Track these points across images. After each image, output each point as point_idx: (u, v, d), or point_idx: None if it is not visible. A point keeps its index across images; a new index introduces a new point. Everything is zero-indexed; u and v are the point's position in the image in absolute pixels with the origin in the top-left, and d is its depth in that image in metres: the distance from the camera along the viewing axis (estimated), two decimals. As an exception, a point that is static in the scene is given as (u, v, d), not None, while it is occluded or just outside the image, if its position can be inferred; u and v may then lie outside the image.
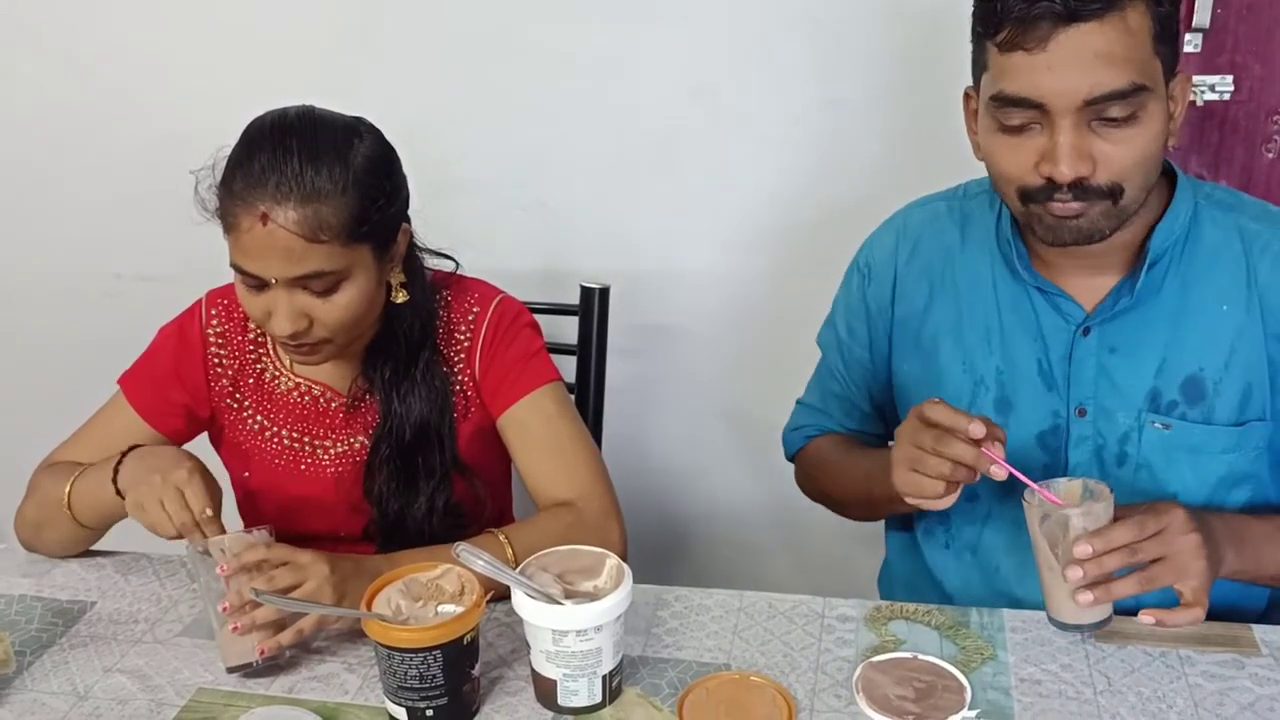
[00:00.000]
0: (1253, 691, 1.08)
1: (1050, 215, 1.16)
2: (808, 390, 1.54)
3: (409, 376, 1.33)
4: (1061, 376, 1.27)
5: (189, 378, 1.37)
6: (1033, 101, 1.11)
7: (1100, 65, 1.08)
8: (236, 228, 1.19)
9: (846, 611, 1.23)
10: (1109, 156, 1.12)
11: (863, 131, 1.85)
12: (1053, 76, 1.09)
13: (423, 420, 1.34)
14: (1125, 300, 1.23)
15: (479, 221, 1.96)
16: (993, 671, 1.12)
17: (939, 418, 1.12)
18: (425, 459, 1.34)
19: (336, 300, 1.22)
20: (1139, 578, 1.09)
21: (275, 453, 1.38)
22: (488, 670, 1.15)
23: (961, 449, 1.11)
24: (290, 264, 1.18)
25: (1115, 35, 1.08)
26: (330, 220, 1.18)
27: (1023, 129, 1.14)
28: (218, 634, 1.16)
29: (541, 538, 1.19)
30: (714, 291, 1.99)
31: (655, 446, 2.09)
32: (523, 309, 1.41)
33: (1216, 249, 1.24)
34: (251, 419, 1.38)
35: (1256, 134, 1.79)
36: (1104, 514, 1.10)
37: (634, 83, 1.89)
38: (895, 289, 1.38)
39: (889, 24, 1.79)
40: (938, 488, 1.14)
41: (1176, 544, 1.09)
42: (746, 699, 1.09)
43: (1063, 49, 1.08)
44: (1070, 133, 1.10)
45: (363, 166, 1.22)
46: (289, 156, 1.18)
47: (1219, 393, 1.23)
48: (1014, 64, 1.11)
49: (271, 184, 1.17)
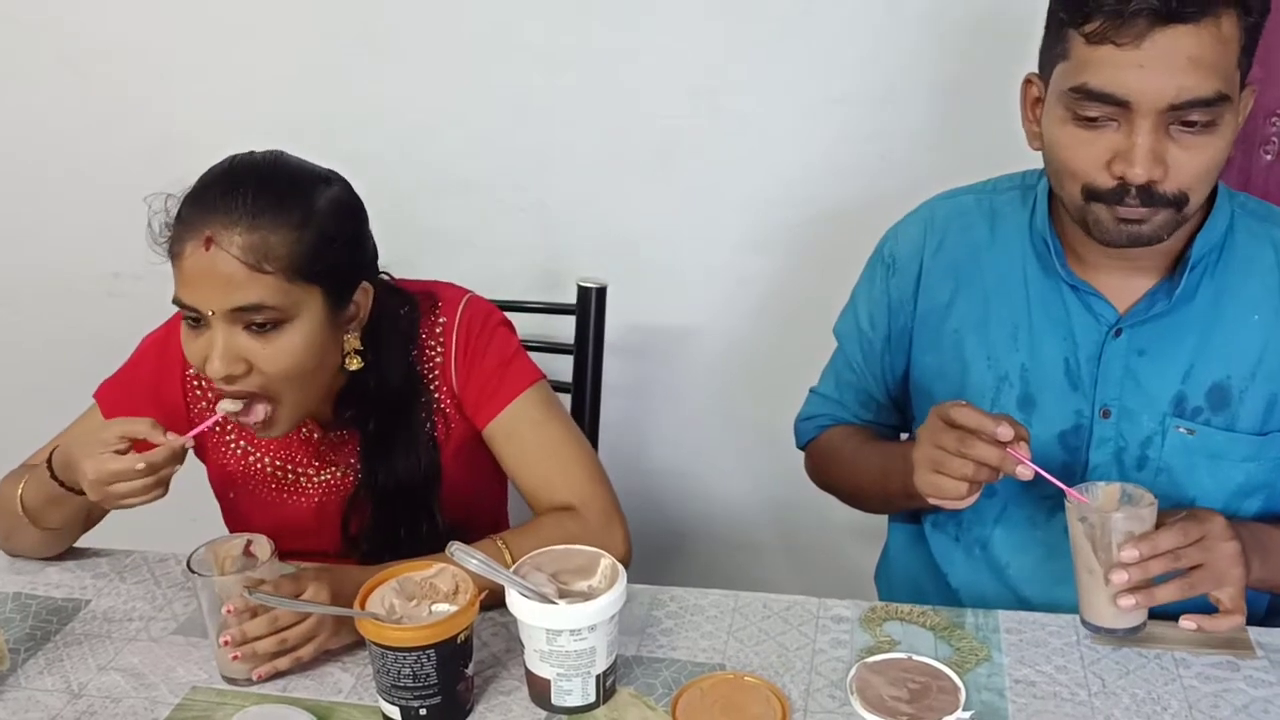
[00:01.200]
0: (1247, 694, 1.08)
1: (1112, 217, 1.15)
2: (822, 379, 1.53)
3: (393, 437, 1.29)
4: (1089, 376, 1.27)
5: (167, 399, 1.33)
6: (1118, 98, 1.09)
7: (1190, 69, 1.07)
8: (180, 255, 1.14)
9: (841, 612, 1.22)
10: (1180, 163, 1.11)
11: (864, 131, 1.85)
12: (1142, 75, 1.08)
13: (406, 486, 1.30)
14: (1162, 304, 1.23)
15: (477, 221, 1.96)
16: (987, 672, 1.12)
17: (965, 420, 1.11)
18: (411, 527, 1.31)
19: (278, 344, 1.16)
20: (1180, 584, 1.09)
21: (259, 478, 1.36)
22: (482, 669, 1.15)
23: (985, 450, 1.10)
24: (229, 293, 1.13)
25: (1209, 41, 1.07)
26: (278, 250, 1.14)
27: (1098, 123, 1.12)
28: (216, 652, 1.15)
29: (543, 545, 1.16)
30: (713, 291, 1.99)
31: (652, 446, 2.09)
32: (491, 308, 1.37)
33: (1250, 259, 1.24)
34: (235, 444, 1.36)
35: (1255, 135, 1.78)
36: (1148, 519, 1.10)
37: (633, 82, 1.88)
38: (920, 282, 1.37)
39: (890, 21, 1.78)
40: (960, 489, 1.13)
41: (1217, 551, 1.09)
42: (741, 699, 1.08)
43: (1156, 48, 1.07)
44: (1150, 135, 1.09)
45: (325, 208, 1.18)
46: (244, 188, 1.15)
47: (1244, 401, 1.23)
48: (1102, 57, 1.09)
49: (221, 210, 1.13)
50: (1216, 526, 1.10)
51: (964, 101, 1.57)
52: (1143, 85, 1.08)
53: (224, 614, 1.11)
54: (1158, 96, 1.08)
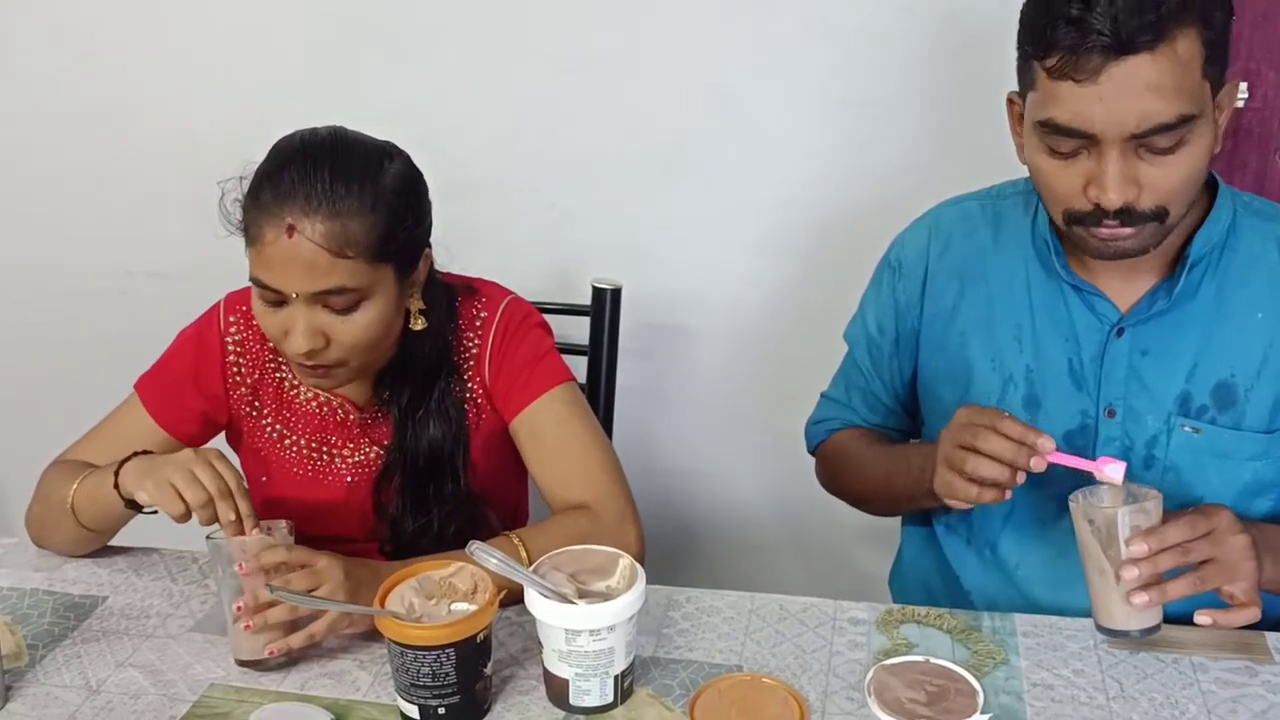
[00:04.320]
0: (1265, 699, 1.08)
1: (1096, 238, 1.16)
2: (833, 384, 1.54)
3: (424, 405, 1.32)
4: (1092, 376, 1.27)
5: (207, 384, 1.37)
6: (1083, 132, 1.11)
7: (1150, 97, 1.08)
8: (260, 240, 1.18)
9: (858, 614, 1.23)
10: (1155, 181, 1.12)
11: (881, 134, 1.85)
12: (1103, 108, 1.09)
13: (436, 449, 1.33)
14: (1162, 303, 1.23)
15: (493, 222, 1.96)
16: (1005, 676, 1.12)
17: (1009, 431, 1.11)
18: (437, 487, 1.34)
19: (355, 320, 1.21)
20: (1191, 579, 1.09)
21: (293, 460, 1.38)
22: (500, 669, 1.15)
23: (999, 445, 1.11)
24: (314, 278, 1.17)
25: (1166, 66, 1.07)
26: (358, 236, 1.18)
27: (1070, 155, 1.14)
28: (230, 628, 1.16)
29: (557, 541, 1.18)
30: (727, 293, 1.99)
31: (666, 447, 2.09)
32: (531, 309, 1.40)
33: (1254, 257, 1.24)
34: (270, 427, 1.38)
35: (1269, 140, 1.78)
36: (1155, 513, 1.10)
37: (650, 84, 1.89)
38: (926, 286, 1.38)
39: (908, 25, 1.78)
40: (970, 491, 1.14)
41: (1227, 544, 1.09)
42: (758, 700, 1.09)
43: (1113, 81, 1.08)
44: (1118, 161, 1.10)
45: (392, 187, 1.22)
46: (319, 171, 1.18)
47: (1249, 399, 1.23)
48: (1063, 93, 1.11)
49: (300, 196, 1.17)
50: (1224, 520, 1.10)
51: (974, 106, 1.57)
52: (1105, 118, 1.09)
53: (234, 569, 1.13)
54: (1119, 127, 1.09)
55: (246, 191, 1.21)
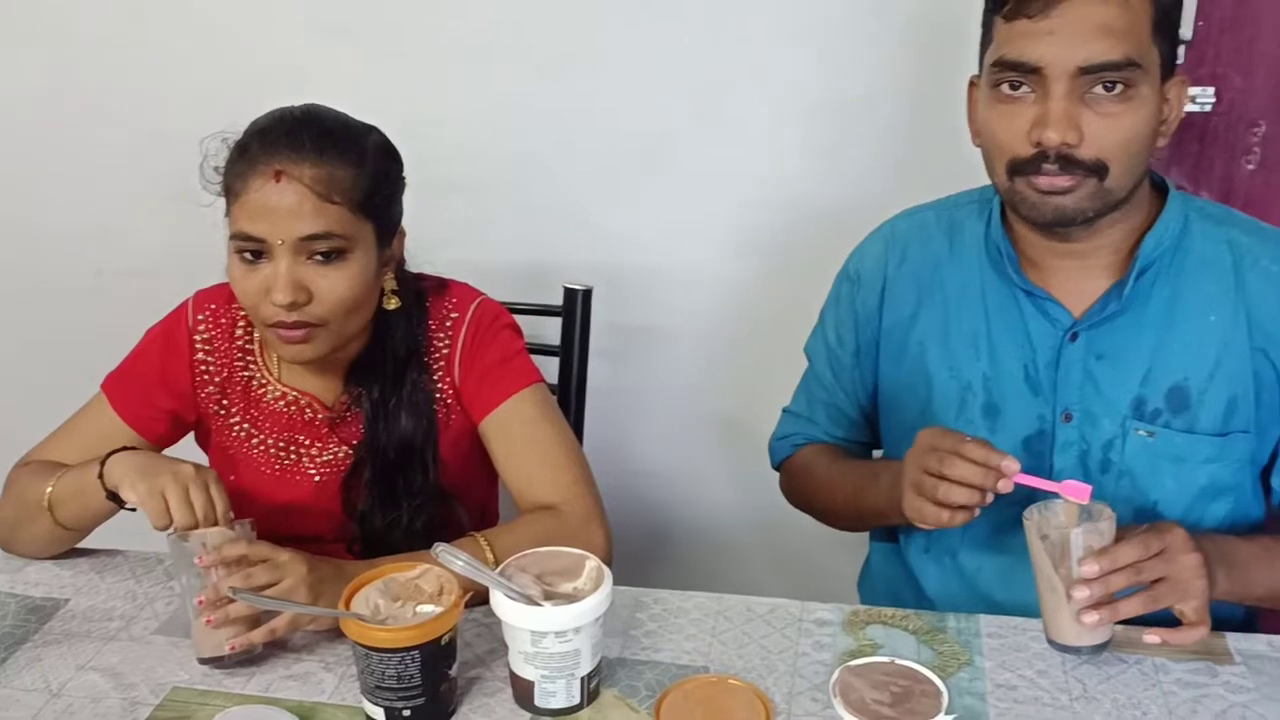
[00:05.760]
0: (1226, 699, 1.09)
1: (1035, 191, 1.18)
2: (795, 399, 1.55)
3: (395, 396, 1.33)
4: (1048, 382, 1.28)
5: (175, 383, 1.36)
6: (1031, 65, 1.14)
7: (1098, 35, 1.12)
8: (245, 190, 1.20)
9: (824, 615, 1.23)
10: (1096, 130, 1.14)
11: (853, 136, 1.86)
12: (1052, 41, 1.13)
13: (406, 442, 1.33)
14: (1114, 306, 1.24)
15: (466, 221, 1.96)
16: (969, 677, 1.13)
17: (973, 454, 1.12)
18: (407, 480, 1.34)
19: (338, 273, 1.22)
20: (1143, 598, 1.10)
21: (260, 460, 1.37)
22: (465, 671, 1.14)
23: (966, 469, 1.12)
24: (300, 222, 1.19)
25: (1116, 10, 1.13)
26: (345, 184, 1.21)
27: (1019, 98, 1.17)
28: (192, 625, 1.15)
29: (523, 542, 1.18)
30: (701, 294, 1.99)
31: (637, 448, 2.09)
32: (502, 310, 1.40)
33: (1206, 260, 1.25)
34: (238, 426, 1.38)
35: (1236, 145, 1.80)
36: (1108, 533, 1.10)
37: (623, 86, 1.89)
38: (884, 296, 1.39)
39: (879, 27, 1.79)
40: (940, 516, 1.15)
41: (1178, 563, 1.10)
42: (724, 702, 1.09)
43: (1064, 16, 1.13)
44: (1063, 100, 1.14)
45: (375, 150, 1.27)
46: (306, 127, 1.22)
47: (1203, 403, 1.24)
48: (1017, 30, 1.16)
49: (288, 147, 1.20)
50: (1177, 539, 1.11)
51: (946, 108, 1.58)
52: (1054, 51, 1.13)
53: (195, 563, 1.12)
54: (1067, 61, 1.13)
55: (232, 149, 1.23)
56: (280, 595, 1.12)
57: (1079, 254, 1.25)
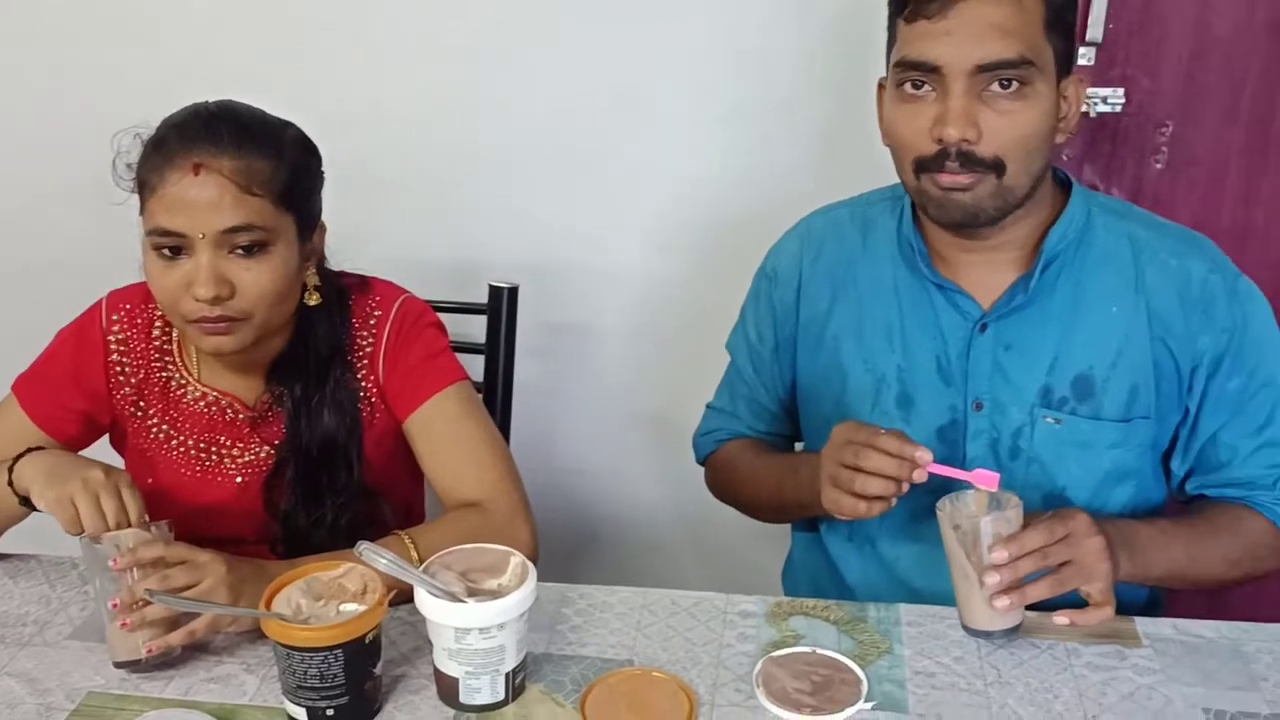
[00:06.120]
0: (1133, 681, 1.12)
1: (939, 188, 1.21)
2: (717, 394, 1.56)
3: (318, 393, 1.32)
4: (959, 372, 1.31)
5: (88, 383, 1.34)
6: (930, 64, 1.18)
7: (993, 35, 1.16)
8: (162, 184, 1.18)
9: (748, 608, 1.24)
10: (994, 128, 1.18)
11: (778, 135, 1.88)
12: (949, 41, 1.17)
13: (329, 440, 1.32)
14: (1020, 298, 1.28)
15: (391, 219, 1.95)
16: (888, 664, 1.15)
17: (887, 446, 1.15)
18: (331, 478, 1.33)
19: (261, 266, 1.21)
20: (1050, 581, 1.13)
21: (180, 461, 1.35)
22: (390, 669, 1.14)
23: (881, 461, 1.15)
24: (220, 214, 1.18)
25: (1009, 11, 1.17)
26: (265, 176, 1.20)
27: (921, 97, 1.20)
28: (107, 628, 1.13)
29: (448, 539, 1.18)
30: (627, 292, 2.00)
31: (565, 446, 2.09)
32: (426, 308, 1.40)
33: (1108, 253, 1.29)
34: (156, 428, 1.35)
35: (1146, 145, 1.85)
36: (1015, 520, 1.13)
37: (549, 84, 1.89)
38: (800, 292, 1.42)
39: (806, 30, 1.81)
40: (858, 507, 1.18)
41: (1083, 546, 1.14)
42: (648, 694, 1.10)
43: (960, 17, 1.17)
44: (961, 98, 1.18)
45: (293, 143, 1.26)
46: (224, 120, 1.21)
47: (1106, 390, 1.28)
48: (917, 31, 1.19)
49: (207, 140, 1.19)
50: (1081, 524, 1.15)
51: (867, 110, 1.61)
52: (951, 50, 1.17)
53: (109, 565, 1.10)
54: (964, 60, 1.17)
55: (146, 143, 1.21)
56: (199, 596, 1.11)
57: (987, 249, 1.28)
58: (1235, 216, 1.86)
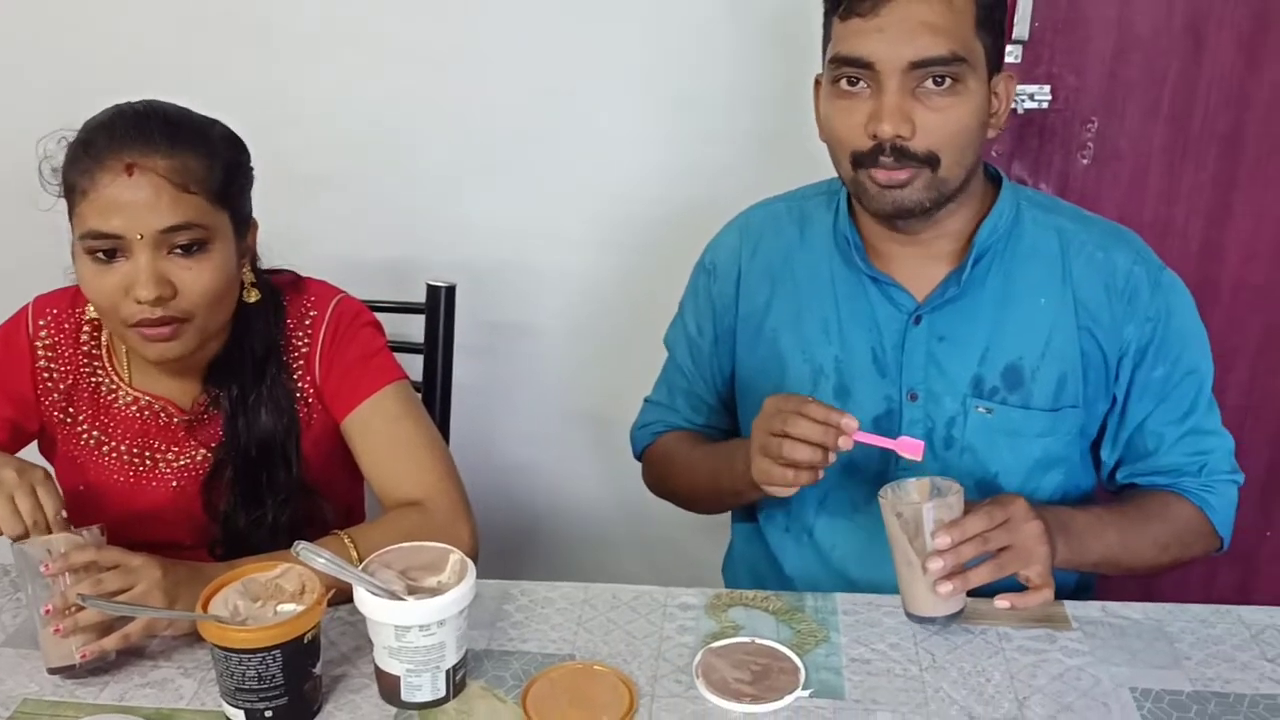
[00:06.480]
0: (1063, 663, 1.15)
1: (874, 182, 1.23)
2: (656, 388, 1.57)
3: (255, 393, 1.31)
4: (894, 363, 1.34)
5: (15, 390, 1.32)
6: (864, 61, 1.20)
7: (925, 33, 1.18)
8: (94, 186, 1.16)
9: (688, 600, 1.26)
10: (928, 123, 1.20)
11: (712, 132, 1.89)
12: (882, 38, 1.19)
13: (267, 438, 1.31)
14: (953, 290, 1.30)
15: (324, 219, 1.94)
16: (825, 653, 1.17)
17: (813, 414, 1.16)
18: (270, 477, 1.32)
19: (201, 265, 1.20)
20: (991, 566, 1.15)
21: (113, 467, 1.33)
22: (330, 669, 1.14)
23: (808, 427, 1.15)
24: (158, 214, 1.16)
25: (940, 9, 1.19)
26: (200, 174, 1.19)
27: (855, 94, 1.22)
28: (40, 634, 1.12)
29: (388, 538, 1.17)
30: (565, 290, 2.01)
31: (504, 444, 2.10)
32: (362, 308, 1.39)
33: (1036, 246, 1.32)
34: (87, 434, 1.33)
35: (1072, 141, 1.90)
36: (957, 506, 1.16)
37: (481, 81, 1.89)
38: (739, 286, 1.43)
39: (732, 27, 1.83)
40: (786, 475, 1.18)
41: (1022, 531, 1.16)
42: (589, 687, 1.10)
43: (892, 15, 1.19)
44: (895, 94, 1.19)
45: (223, 140, 1.25)
46: (153, 119, 1.19)
47: (1036, 380, 1.31)
48: (850, 29, 1.21)
49: (138, 140, 1.17)
50: (1019, 509, 1.17)
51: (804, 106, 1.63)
52: (883, 48, 1.19)
53: (41, 571, 1.09)
54: (897, 58, 1.19)
55: (72, 145, 1.19)
56: (134, 601, 1.10)
57: (920, 242, 1.31)
58: (1157, 210, 1.91)
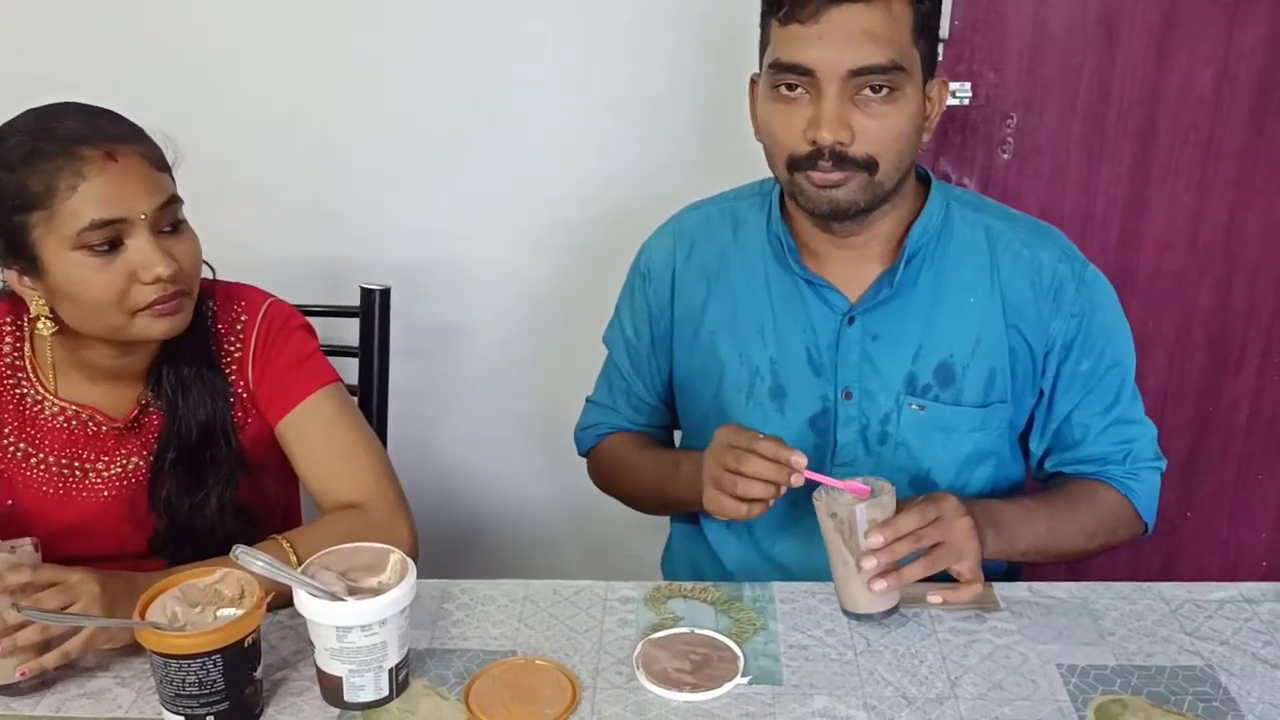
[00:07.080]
0: (993, 643, 1.19)
1: (812, 184, 1.25)
2: (597, 388, 1.59)
3: (195, 377, 1.30)
4: (829, 363, 1.36)
5: None
6: (804, 68, 1.21)
7: (865, 41, 1.19)
8: (81, 181, 1.14)
9: (628, 593, 1.27)
10: (867, 129, 1.22)
11: (646, 134, 1.91)
12: (822, 46, 1.20)
13: (207, 417, 1.31)
14: (886, 291, 1.33)
15: (256, 225, 1.92)
16: (764, 640, 1.19)
17: (764, 450, 1.18)
18: (212, 455, 1.31)
19: (187, 239, 1.23)
20: (924, 562, 1.18)
21: (42, 480, 1.31)
22: (271, 673, 1.13)
23: (762, 466, 1.17)
24: (152, 192, 1.18)
25: (880, 17, 1.20)
26: (160, 156, 1.22)
27: (794, 99, 1.23)
28: None
29: (327, 541, 1.17)
30: (500, 292, 2.01)
31: (443, 446, 2.10)
32: (293, 312, 1.39)
33: (965, 246, 1.35)
34: (13, 446, 1.31)
35: (994, 136, 1.94)
36: (889, 505, 1.18)
37: (413, 84, 1.89)
38: (674, 289, 1.45)
39: (671, 26, 1.85)
40: (740, 509, 1.21)
41: (953, 528, 1.19)
42: (531, 682, 1.12)
43: (833, 23, 1.20)
44: (834, 101, 1.21)
45: None
46: (86, 110, 1.19)
47: (966, 377, 1.34)
48: (790, 34, 1.22)
49: (101, 129, 1.17)
50: (950, 506, 1.20)
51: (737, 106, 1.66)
52: (824, 55, 1.20)
53: None
54: (837, 65, 1.20)
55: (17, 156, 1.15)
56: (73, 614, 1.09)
57: (854, 244, 1.33)
58: (1077, 202, 1.96)
